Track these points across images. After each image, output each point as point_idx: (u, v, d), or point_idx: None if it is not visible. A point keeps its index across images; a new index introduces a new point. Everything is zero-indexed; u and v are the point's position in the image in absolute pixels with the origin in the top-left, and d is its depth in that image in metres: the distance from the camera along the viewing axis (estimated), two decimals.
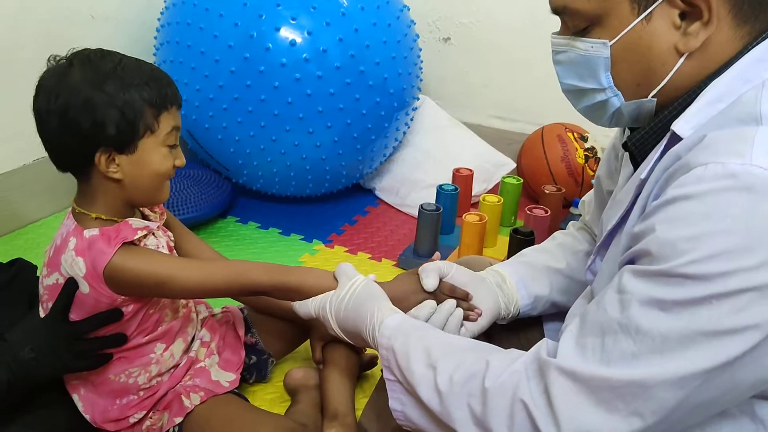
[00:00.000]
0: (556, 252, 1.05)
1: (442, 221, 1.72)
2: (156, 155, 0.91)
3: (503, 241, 1.81)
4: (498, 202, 1.76)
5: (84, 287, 0.88)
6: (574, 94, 0.78)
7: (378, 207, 2.09)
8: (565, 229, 1.97)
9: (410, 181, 2.07)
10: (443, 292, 0.93)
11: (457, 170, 1.94)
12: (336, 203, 2.08)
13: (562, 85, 0.78)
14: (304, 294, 0.91)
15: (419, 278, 0.93)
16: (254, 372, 1.23)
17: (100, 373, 0.97)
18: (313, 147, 1.78)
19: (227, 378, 1.10)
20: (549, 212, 1.71)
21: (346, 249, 1.82)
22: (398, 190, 2.09)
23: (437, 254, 0.97)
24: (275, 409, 1.21)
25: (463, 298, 0.92)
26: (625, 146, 0.78)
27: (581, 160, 2.05)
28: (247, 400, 1.12)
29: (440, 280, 0.94)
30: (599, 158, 2.10)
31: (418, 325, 0.82)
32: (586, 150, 2.07)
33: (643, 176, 0.69)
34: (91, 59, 0.88)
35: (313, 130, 1.74)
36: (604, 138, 2.24)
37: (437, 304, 0.92)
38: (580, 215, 1.97)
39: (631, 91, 0.73)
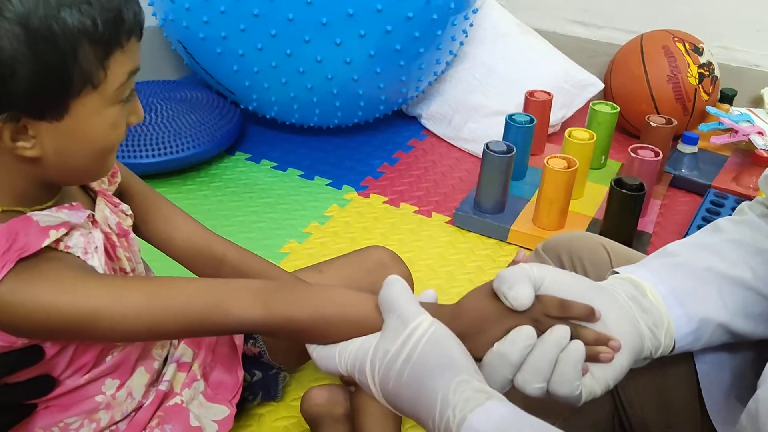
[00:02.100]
0: (729, 251, 0.66)
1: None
2: (100, 123, 0.57)
3: (593, 190, 1.43)
4: (590, 139, 1.36)
5: None
6: None
7: (425, 141, 1.71)
8: (672, 173, 1.59)
9: (467, 106, 1.67)
10: (548, 312, 0.56)
11: (530, 94, 1.53)
12: (372, 136, 1.71)
13: None
14: (323, 334, 0.56)
15: (498, 293, 0.56)
16: (259, 392, 0.92)
17: (19, 426, 0.66)
18: (342, 63, 1.39)
19: (216, 415, 0.79)
20: (661, 155, 1.31)
21: (386, 199, 1.46)
22: (451, 118, 1.70)
23: (522, 253, 0.60)
24: None
25: (584, 318, 0.56)
26: None
27: (694, 80, 1.62)
28: None
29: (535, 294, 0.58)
30: (716, 77, 1.66)
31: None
32: (701, 66, 1.63)
33: None
34: None
35: (341, 41, 1.35)
36: (722, 50, 1.79)
37: (537, 334, 0.55)
38: (692, 154, 1.58)
39: None
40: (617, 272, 0.64)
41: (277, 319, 0.56)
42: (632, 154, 1.31)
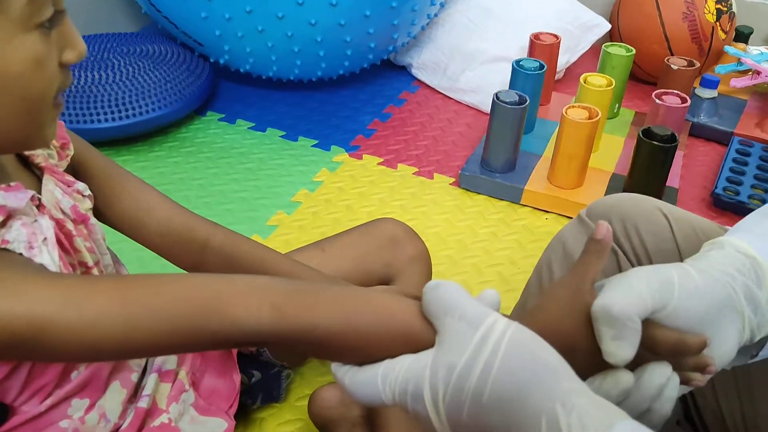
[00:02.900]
0: None
1: None
2: (14, 57, 0.42)
3: (609, 143, 1.32)
4: (608, 86, 1.23)
5: None
6: None
7: (417, 93, 1.57)
8: (690, 120, 1.48)
9: (463, 53, 1.53)
10: (657, 351, 0.43)
11: (536, 36, 1.39)
12: (358, 90, 1.56)
13: None
14: (352, 350, 0.42)
15: (596, 329, 0.42)
16: (260, 394, 0.79)
17: None
18: (327, 6, 1.24)
19: (212, 431, 0.66)
20: (688, 100, 1.20)
21: (381, 160, 1.33)
22: (446, 67, 1.56)
23: (603, 226, 0.46)
24: None
25: (694, 353, 0.44)
26: None
27: (711, 17, 1.50)
28: None
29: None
30: (734, 13, 1.54)
31: None
32: (719, 2, 1.51)
33: None
34: None
35: None
36: None
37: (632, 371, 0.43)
38: (712, 99, 1.47)
39: None
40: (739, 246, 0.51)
41: (291, 326, 0.41)
42: (657, 101, 1.19)
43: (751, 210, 1.22)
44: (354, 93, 1.55)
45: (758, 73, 1.44)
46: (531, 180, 1.20)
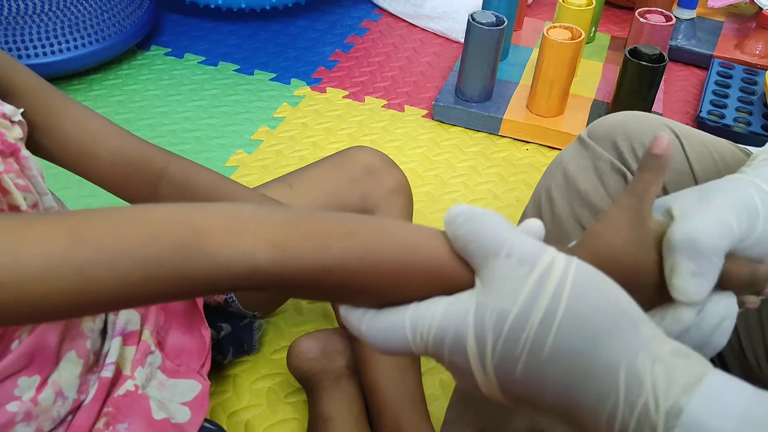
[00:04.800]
0: None
1: None
2: None
3: (587, 68, 1.25)
4: (588, 5, 1.16)
5: None
6: None
7: (380, 21, 1.47)
8: (669, 43, 1.42)
9: None
10: (728, 284, 0.36)
11: None
12: (315, 20, 1.45)
13: None
14: (372, 291, 0.33)
15: (668, 263, 0.36)
16: (230, 348, 0.72)
17: None
18: None
19: (184, 395, 0.59)
20: (673, 19, 1.13)
21: (346, 93, 1.23)
22: None
23: (664, 138, 0.39)
24: (280, 409, 0.72)
25: (763, 284, 0.39)
26: None
27: None
28: None
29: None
30: None
31: None
32: None
33: None
34: None
35: None
36: None
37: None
38: (690, 20, 1.42)
39: None
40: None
41: (297, 266, 0.32)
42: (641, 19, 1.12)
43: (737, 134, 1.18)
44: (311, 23, 1.44)
45: None
46: (509, 109, 1.13)
